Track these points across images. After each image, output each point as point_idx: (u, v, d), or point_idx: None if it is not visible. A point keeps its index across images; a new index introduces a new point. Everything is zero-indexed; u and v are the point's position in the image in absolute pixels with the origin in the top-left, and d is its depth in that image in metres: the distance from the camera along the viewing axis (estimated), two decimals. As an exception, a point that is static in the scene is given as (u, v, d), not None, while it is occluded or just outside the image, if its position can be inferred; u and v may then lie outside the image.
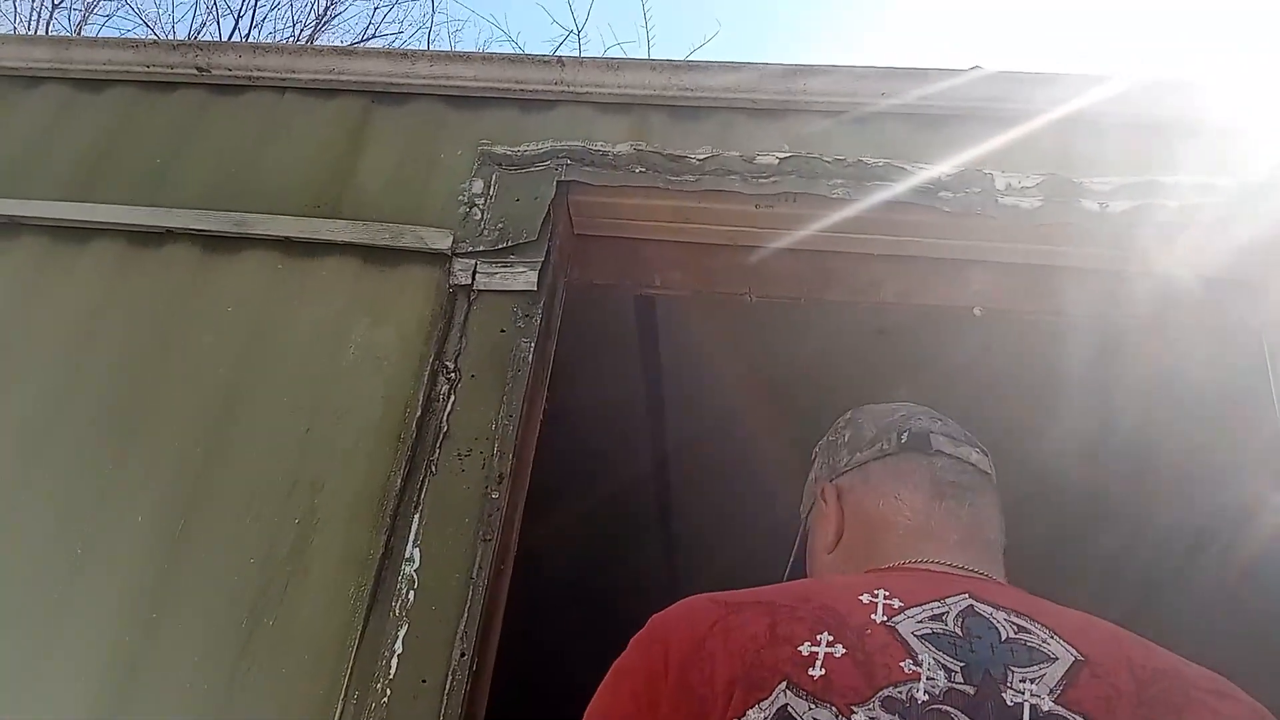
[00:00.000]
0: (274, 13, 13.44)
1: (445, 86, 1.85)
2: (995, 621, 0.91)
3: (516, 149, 1.73)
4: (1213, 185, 1.56)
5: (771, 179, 1.64)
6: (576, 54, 9.62)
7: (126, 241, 1.76)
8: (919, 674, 0.84)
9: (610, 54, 10.17)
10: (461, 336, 1.58)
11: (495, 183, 1.70)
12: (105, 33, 11.13)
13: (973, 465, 1.12)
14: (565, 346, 1.68)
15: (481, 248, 1.62)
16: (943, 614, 0.91)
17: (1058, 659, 0.86)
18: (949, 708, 0.83)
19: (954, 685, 0.84)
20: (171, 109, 1.93)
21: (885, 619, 0.89)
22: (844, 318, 1.14)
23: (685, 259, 1.77)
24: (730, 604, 0.96)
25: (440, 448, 1.49)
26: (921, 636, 0.88)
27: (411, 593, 1.37)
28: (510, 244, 1.62)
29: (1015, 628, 0.90)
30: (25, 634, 1.42)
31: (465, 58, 1.85)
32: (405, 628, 1.35)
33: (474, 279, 1.61)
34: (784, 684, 0.85)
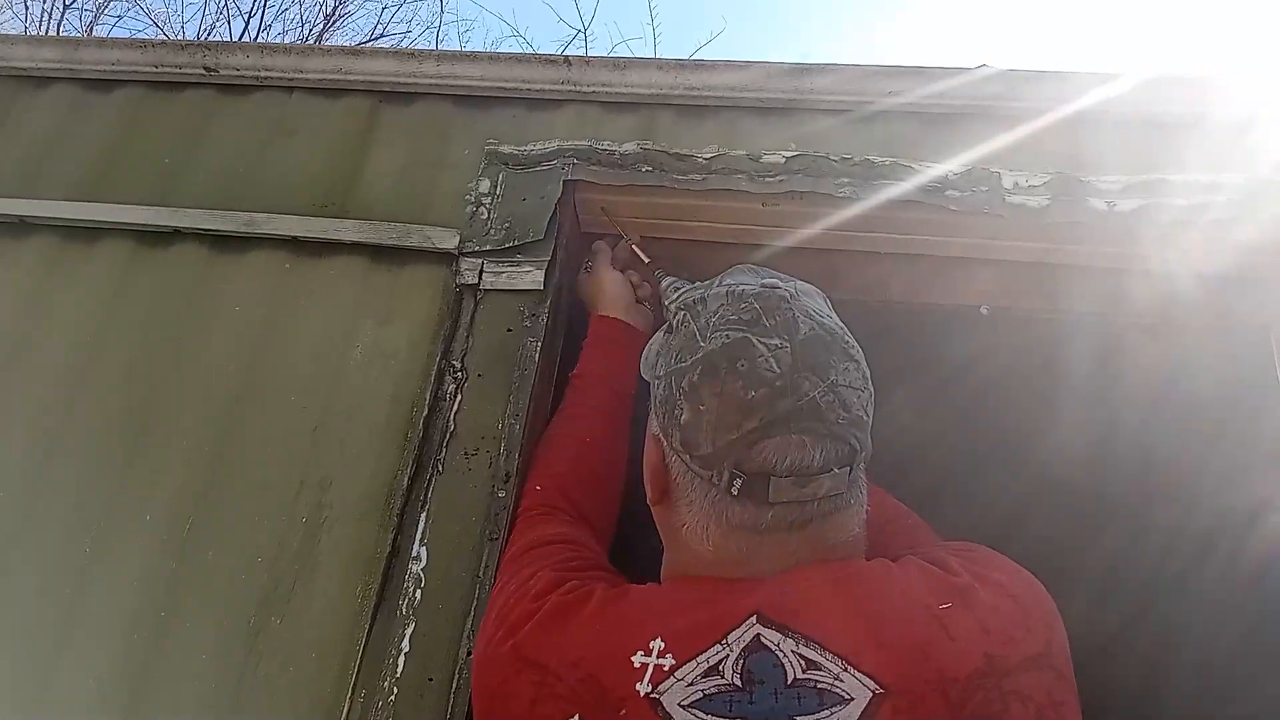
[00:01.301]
0: (283, 14, 13.48)
1: (452, 86, 1.85)
2: (781, 656, 0.83)
3: (523, 148, 1.73)
4: (1220, 183, 1.55)
5: (778, 178, 1.64)
6: (583, 52, 9.63)
7: (136, 241, 1.77)
8: None
9: (616, 51, 10.21)
10: (468, 335, 1.58)
11: (502, 182, 1.70)
12: (116, 33, 11.19)
13: (824, 497, 0.93)
14: (572, 344, 1.68)
15: (488, 247, 1.63)
16: (720, 662, 0.84)
17: (852, 699, 0.79)
18: None
19: None
20: (180, 109, 1.94)
21: (650, 689, 0.83)
22: (847, 314, 1.08)
23: (692, 257, 1.77)
24: (517, 656, 0.93)
25: (447, 447, 1.49)
26: (690, 705, 0.81)
27: (419, 591, 1.38)
28: (517, 243, 1.62)
29: (804, 664, 0.82)
30: (37, 634, 1.43)
31: (472, 57, 1.86)
32: (412, 626, 1.35)
33: (481, 278, 1.61)
34: None
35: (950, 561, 0.95)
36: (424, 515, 1.44)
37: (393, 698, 1.30)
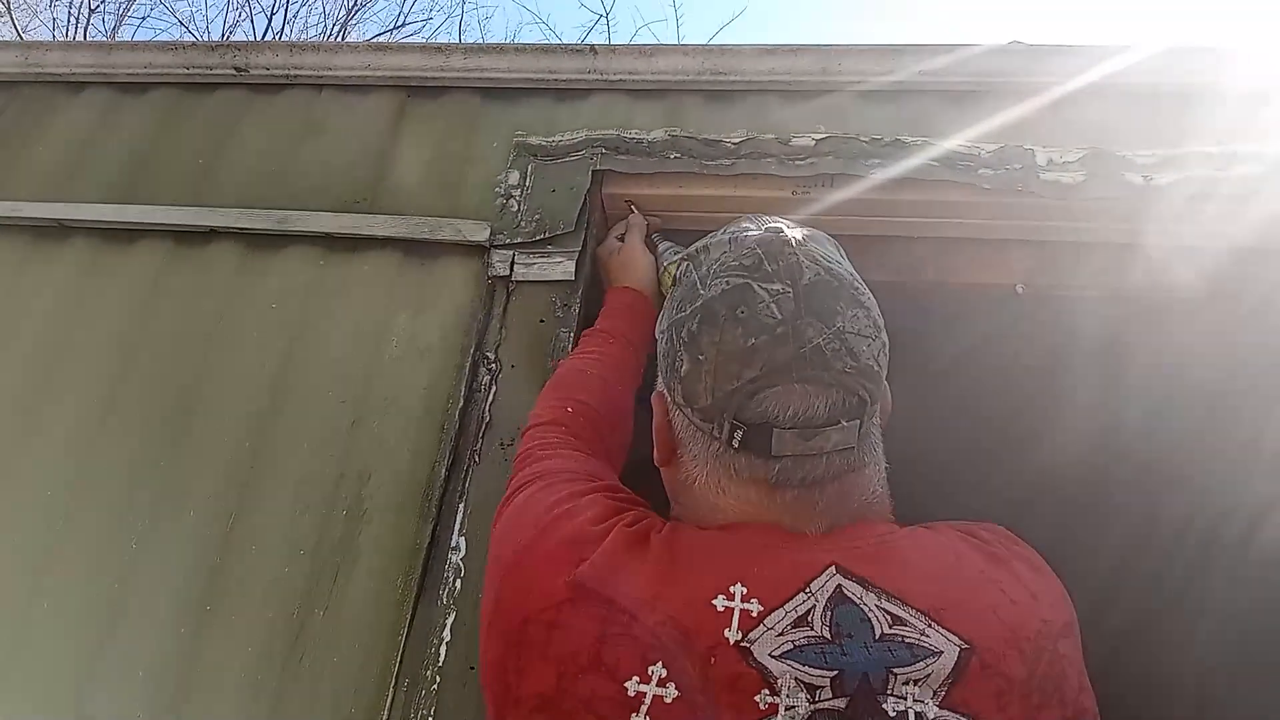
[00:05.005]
0: (305, 9, 13.55)
1: (480, 79, 1.86)
2: (866, 611, 0.79)
3: (551, 139, 1.73)
4: (1261, 154, 1.52)
5: (808, 160, 1.63)
6: (606, 37, 9.63)
7: (173, 241, 1.79)
8: (776, 705, 0.74)
9: (639, 35, 10.18)
10: (501, 327, 1.59)
11: (531, 174, 1.70)
12: (140, 34, 11.30)
13: (830, 452, 0.87)
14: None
15: (519, 239, 1.63)
16: (808, 612, 0.79)
17: (942, 652, 0.76)
18: None
19: (819, 705, 0.74)
20: (212, 109, 1.96)
21: (740, 636, 0.77)
22: (882, 297, 1.03)
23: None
24: (575, 584, 0.83)
25: (483, 438, 1.50)
26: (782, 655, 0.76)
27: (458, 581, 1.39)
28: (548, 235, 1.62)
29: (890, 619, 0.79)
30: (84, 629, 1.46)
31: (499, 49, 1.86)
32: (453, 615, 1.36)
33: (512, 270, 1.62)
34: None
35: (980, 532, 0.94)
36: (462, 505, 1.45)
37: (435, 686, 1.32)
